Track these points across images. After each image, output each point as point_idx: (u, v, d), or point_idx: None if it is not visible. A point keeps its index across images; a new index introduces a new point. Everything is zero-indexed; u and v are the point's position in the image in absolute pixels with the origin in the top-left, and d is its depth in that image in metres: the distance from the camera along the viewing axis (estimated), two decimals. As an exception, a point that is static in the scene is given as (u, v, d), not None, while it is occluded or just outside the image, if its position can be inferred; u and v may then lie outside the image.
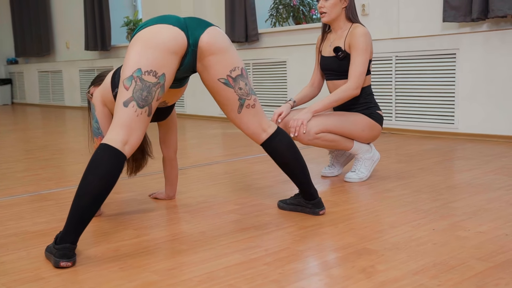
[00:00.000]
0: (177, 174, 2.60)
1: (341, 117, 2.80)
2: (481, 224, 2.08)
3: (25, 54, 10.37)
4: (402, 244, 1.87)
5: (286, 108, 2.88)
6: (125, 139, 1.85)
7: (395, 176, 2.99)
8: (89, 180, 1.76)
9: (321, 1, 2.83)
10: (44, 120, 7.26)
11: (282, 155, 2.19)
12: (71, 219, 1.76)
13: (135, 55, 1.90)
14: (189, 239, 2.01)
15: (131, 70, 1.88)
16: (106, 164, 1.78)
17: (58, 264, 1.74)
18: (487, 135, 4.22)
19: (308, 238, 1.98)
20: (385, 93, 4.83)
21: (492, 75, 4.15)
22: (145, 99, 1.88)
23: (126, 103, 1.86)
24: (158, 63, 1.89)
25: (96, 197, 1.76)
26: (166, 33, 1.93)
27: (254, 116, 2.15)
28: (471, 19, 4.11)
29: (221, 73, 2.05)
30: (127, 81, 1.88)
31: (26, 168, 3.64)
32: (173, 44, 1.92)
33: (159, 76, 1.90)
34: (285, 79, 5.80)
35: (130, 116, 1.86)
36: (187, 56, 2.00)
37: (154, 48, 1.90)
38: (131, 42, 1.96)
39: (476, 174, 2.98)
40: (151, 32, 1.92)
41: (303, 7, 5.90)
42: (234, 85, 2.08)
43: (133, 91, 1.87)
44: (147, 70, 1.88)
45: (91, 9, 8.31)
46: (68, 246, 1.76)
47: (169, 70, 1.93)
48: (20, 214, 2.46)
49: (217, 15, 6.51)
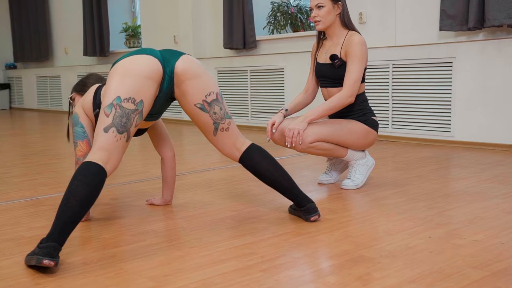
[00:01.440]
0: (174, 175, 2.61)
1: (335, 126, 2.80)
2: (477, 232, 2.08)
3: (23, 59, 10.38)
4: (398, 252, 1.87)
5: (278, 117, 2.87)
6: (106, 160, 1.97)
7: (391, 184, 3.00)
8: (75, 185, 1.84)
9: (314, 10, 2.85)
10: (42, 125, 7.25)
11: (257, 169, 2.29)
12: (58, 221, 1.78)
13: (114, 84, 2.05)
14: (185, 245, 2.01)
15: (111, 98, 2.02)
16: (91, 174, 1.88)
17: (41, 262, 1.69)
18: (483, 143, 4.23)
19: (304, 245, 1.98)
20: (382, 101, 4.84)
21: (488, 83, 4.17)
22: (124, 125, 2.03)
23: (106, 129, 2.00)
24: (136, 90, 2.04)
25: (83, 201, 1.82)
26: (142, 61, 2.10)
27: (228, 138, 2.29)
28: (468, 28, 4.13)
29: (197, 98, 2.20)
30: (107, 108, 2.02)
31: (23, 173, 3.63)
32: (148, 70, 2.08)
33: (137, 103, 2.04)
34: (283, 86, 5.81)
35: (110, 141, 2.00)
36: (164, 83, 2.15)
37: (131, 76, 2.05)
38: (110, 73, 2.11)
39: (472, 182, 2.99)
40: (128, 62, 2.09)
41: (300, 14, 5.92)
42: (209, 110, 2.22)
43: (113, 118, 2.01)
44: (126, 97, 2.02)
45: (90, 15, 8.33)
46: (53, 245, 1.74)
47: (146, 96, 2.07)
48: (16, 219, 2.46)
49: (215, 22, 6.53)
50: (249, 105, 6.19)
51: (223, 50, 6.45)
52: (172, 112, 7.22)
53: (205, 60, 6.62)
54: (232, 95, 6.40)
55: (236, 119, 6.33)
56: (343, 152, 2.86)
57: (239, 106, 6.32)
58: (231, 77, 6.39)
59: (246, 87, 6.22)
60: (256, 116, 6.13)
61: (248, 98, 6.20)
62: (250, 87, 6.17)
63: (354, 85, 2.75)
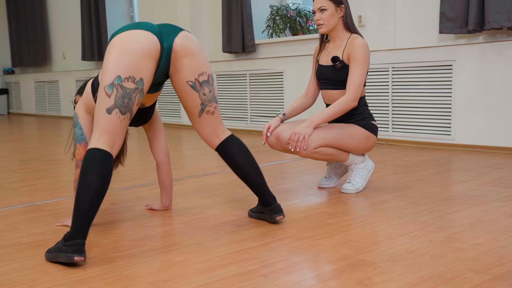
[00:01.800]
0: (171, 180, 2.59)
1: (338, 131, 2.79)
2: (478, 236, 2.07)
3: (21, 64, 10.37)
4: (399, 256, 1.86)
5: (275, 122, 2.86)
6: (111, 143, 1.99)
7: (392, 187, 2.99)
8: (88, 179, 1.87)
9: (317, 13, 2.84)
10: (40, 130, 7.24)
11: (233, 159, 2.31)
12: (78, 217, 1.85)
13: (113, 61, 2.02)
14: (184, 251, 2.00)
15: (111, 77, 2.00)
16: (100, 164, 1.91)
17: (72, 259, 1.80)
18: (484, 146, 4.23)
19: (305, 250, 1.97)
20: (382, 104, 4.83)
21: (489, 86, 4.16)
22: (127, 106, 2.02)
23: (109, 110, 1.99)
24: (135, 68, 2.02)
25: (98, 194, 1.87)
26: (140, 38, 2.06)
27: (211, 122, 2.30)
28: (467, 31, 4.13)
29: (190, 76, 2.19)
30: (108, 88, 1.99)
31: (22, 179, 3.62)
32: (147, 48, 2.06)
33: (137, 82, 2.03)
34: (282, 90, 5.81)
35: (114, 123, 2.00)
36: (162, 60, 2.13)
37: (130, 53, 2.02)
38: (108, 48, 2.07)
39: (473, 185, 2.98)
40: (126, 38, 2.05)
41: (300, 18, 5.92)
42: (200, 89, 2.22)
43: (115, 99, 1.99)
44: (126, 76, 2.00)
45: (88, 20, 8.33)
46: (80, 241, 1.83)
47: (146, 75, 2.06)
48: (15, 225, 2.45)
49: (214, 25, 6.52)
50: (248, 109, 6.18)
51: (222, 54, 6.45)
52: (171, 116, 7.21)
53: (204, 64, 6.60)
54: (231, 99, 6.39)
55: (235, 123, 6.33)
56: (345, 156, 2.85)
57: (238, 110, 6.31)
58: (230, 81, 6.38)
59: (245, 91, 6.21)
60: (256, 120, 6.12)
61: (247, 102, 6.19)
62: (249, 91, 6.16)
63: (358, 89, 2.75)
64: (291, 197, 2.83)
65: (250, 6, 5.94)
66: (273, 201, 2.32)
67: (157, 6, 7.24)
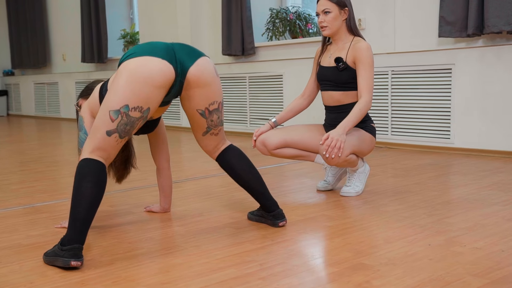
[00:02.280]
0: (171, 184, 2.59)
1: (355, 136, 2.78)
2: (477, 240, 2.07)
3: (21, 66, 10.38)
4: (398, 260, 1.86)
5: (264, 128, 2.93)
6: (105, 157, 2.01)
7: (391, 191, 2.99)
8: (83, 186, 1.88)
9: (321, 16, 2.84)
10: (39, 132, 7.24)
11: (233, 168, 2.32)
12: (75, 222, 1.85)
13: (123, 88, 1.97)
14: (183, 253, 2.00)
15: (119, 104, 1.97)
16: (93, 173, 1.92)
17: (69, 264, 1.80)
18: (483, 150, 4.23)
19: (304, 253, 1.97)
20: (381, 107, 4.84)
21: (488, 90, 4.17)
22: (128, 132, 2.03)
23: (109, 133, 1.99)
24: (145, 98, 1.99)
25: (93, 200, 1.88)
26: (155, 68, 2.00)
27: (214, 141, 2.33)
28: (467, 35, 4.14)
29: (201, 105, 2.19)
30: (114, 113, 1.98)
31: (21, 180, 3.62)
32: (161, 79, 2.01)
33: (144, 111, 2.02)
34: (282, 93, 5.81)
35: (111, 144, 2.00)
36: (174, 86, 2.10)
37: (142, 83, 1.98)
38: (120, 70, 2.01)
39: (472, 189, 2.98)
40: (140, 66, 1.99)
41: (299, 21, 5.93)
42: (208, 117, 2.23)
43: (117, 124, 1.99)
44: (134, 106, 1.98)
45: (88, 22, 8.33)
46: (77, 246, 1.83)
47: (154, 104, 2.04)
48: (14, 226, 2.45)
49: (213, 28, 6.53)
50: (248, 111, 6.18)
51: (222, 57, 6.45)
52: (170, 118, 7.21)
53: (203, 67, 6.60)
54: (231, 102, 6.39)
55: (234, 125, 6.33)
56: (357, 161, 2.86)
57: (237, 113, 6.31)
58: (229, 83, 6.39)
59: (245, 94, 6.21)
60: (255, 123, 6.12)
61: (246, 104, 6.19)
62: (248, 93, 6.17)
63: (371, 90, 2.77)
64: (290, 200, 2.83)
65: (250, 9, 5.95)
66: (276, 207, 2.32)
67: (157, 8, 7.24)
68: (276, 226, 2.31)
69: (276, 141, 2.89)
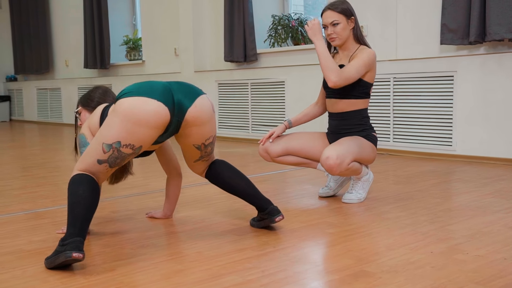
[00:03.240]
0: (178, 194, 2.62)
1: (355, 143, 2.79)
2: (479, 247, 2.07)
3: (24, 72, 10.41)
4: (399, 267, 1.86)
5: (278, 129, 2.96)
6: (96, 177, 2.09)
7: (392, 198, 2.99)
8: (81, 190, 1.95)
9: (329, 28, 2.84)
10: (41, 138, 7.25)
11: (221, 178, 2.37)
12: (74, 221, 1.89)
13: (117, 126, 2.03)
14: (185, 259, 2.00)
15: (111, 139, 2.04)
16: (87, 183, 1.99)
17: (70, 256, 1.80)
18: (485, 157, 4.23)
19: (305, 260, 1.97)
20: (383, 114, 4.84)
21: (490, 97, 4.17)
22: (118, 164, 2.10)
23: (100, 162, 2.06)
24: (137, 138, 2.05)
25: (90, 203, 1.94)
26: (150, 109, 2.03)
27: (204, 165, 2.41)
28: (469, 42, 4.14)
29: (197, 141, 2.25)
30: (106, 146, 2.05)
31: (23, 186, 3.62)
32: (155, 121, 2.05)
33: (136, 148, 2.08)
34: (284, 99, 5.82)
35: (101, 171, 2.08)
36: (171, 126, 2.13)
37: (136, 123, 2.03)
38: (115, 108, 2.07)
39: (474, 196, 2.98)
40: (136, 107, 2.03)
41: (301, 28, 5.94)
42: (203, 149, 2.30)
43: (108, 157, 2.06)
44: (125, 144, 2.04)
45: (90, 28, 8.36)
46: (79, 239, 1.85)
47: (146, 143, 2.10)
48: (16, 232, 2.45)
49: (216, 34, 6.55)
50: (250, 118, 6.19)
51: (224, 63, 6.47)
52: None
53: (205, 73, 6.63)
54: (233, 108, 6.40)
55: (236, 132, 6.33)
56: (360, 169, 2.86)
57: (239, 119, 6.32)
58: (231, 90, 6.40)
59: (247, 100, 6.22)
60: (257, 129, 6.12)
61: (248, 111, 6.20)
62: (250, 100, 6.18)
63: (343, 76, 2.72)
64: (292, 207, 2.83)
65: (252, 15, 5.97)
66: (269, 204, 2.35)
67: (159, 15, 7.27)
68: (273, 222, 2.33)
69: (278, 148, 2.92)
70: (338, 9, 2.82)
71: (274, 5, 6.42)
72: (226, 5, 6.11)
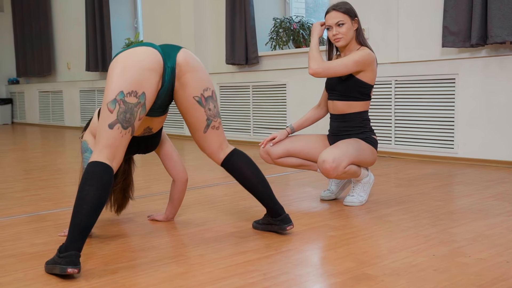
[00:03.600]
0: (182, 198, 2.62)
1: (352, 146, 2.79)
2: (482, 250, 2.07)
3: (26, 74, 10.43)
4: (402, 270, 1.86)
5: (280, 135, 2.97)
6: (112, 157, 2.00)
7: (394, 201, 2.99)
8: (86, 190, 1.88)
9: (334, 28, 2.84)
10: (43, 140, 7.26)
11: (241, 171, 2.32)
12: (73, 229, 1.84)
13: (115, 78, 2.04)
14: (187, 262, 2.00)
15: (113, 93, 2.02)
16: (98, 177, 1.92)
17: (65, 271, 1.78)
18: (486, 160, 4.22)
19: (307, 262, 1.97)
20: (384, 117, 4.84)
21: (491, 100, 4.17)
22: (129, 121, 2.03)
23: (111, 125, 2.01)
24: (137, 82, 2.04)
25: (94, 206, 1.88)
26: (142, 53, 2.10)
27: (217, 137, 2.32)
28: (470, 45, 4.14)
29: (196, 91, 2.22)
30: (111, 104, 2.01)
31: (25, 188, 3.62)
32: (149, 61, 2.08)
33: (139, 96, 2.04)
34: (285, 102, 5.82)
35: (116, 137, 2.01)
36: (166, 75, 2.15)
37: (133, 68, 2.05)
38: (110, 66, 2.10)
39: (476, 199, 2.98)
40: (128, 55, 2.09)
41: (303, 31, 5.95)
42: (205, 104, 2.25)
43: (117, 114, 2.01)
44: (128, 91, 2.02)
45: (92, 30, 8.38)
46: (74, 253, 1.82)
47: (149, 89, 2.07)
48: (18, 235, 2.45)
49: (217, 37, 6.56)
50: (251, 120, 6.19)
51: (225, 66, 6.48)
52: (174, 127, 7.23)
53: (207, 76, 6.62)
54: (234, 111, 6.40)
55: (238, 134, 6.34)
56: (359, 172, 2.87)
57: (241, 122, 6.32)
58: (233, 92, 6.40)
59: (248, 103, 6.23)
60: (258, 132, 6.13)
61: (250, 113, 6.20)
62: (252, 102, 6.18)
63: (325, 66, 2.76)
64: (293, 209, 2.83)
65: (253, 18, 5.98)
66: (282, 211, 2.34)
67: (161, 17, 7.28)
68: (284, 230, 2.32)
69: (279, 150, 2.92)
70: (343, 10, 2.83)
71: (276, 8, 6.43)
72: (228, 8, 6.12)
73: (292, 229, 2.35)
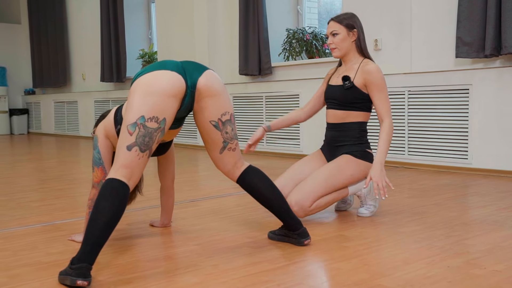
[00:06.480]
0: (173, 202, 2.69)
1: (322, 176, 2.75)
2: (497, 262, 2.05)
3: (42, 85, 10.55)
4: (416, 282, 1.85)
5: (257, 133, 3.04)
6: (129, 176, 2.03)
7: (408, 212, 2.97)
8: (102, 205, 1.90)
9: (330, 38, 2.88)
10: (58, 150, 7.33)
11: (256, 188, 2.34)
12: (87, 241, 1.86)
13: (138, 101, 2.06)
14: (201, 272, 2.00)
15: (135, 117, 2.05)
16: (115, 193, 1.94)
17: (75, 283, 1.79)
18: (501, 171, 4.19)
19: (321, 273, 1.97)
20: (398, 127, 4.83)
21: (505, 111, 4.14)
22: (147, 144, 2.06)
23: (129, 147, 2.04)
24: (159, 109, 2.06)
25: (109, 221, 1.90)
26: (165, 78, 2.09)
27: (232, 158, 2.34)
28: (484, 55, 4.13)
29: (214, 115, 2.24)
30: (131, 127, 2.04)
31: (41, 198, 3.66)
32: (171, 88, 2.09)
33: (160, 121, 2.07)
34: (298, 112, 5.82)
35: (133, 159, 2.04)
36: (186, 98, 2.16)
37: (155, 93, 2.06)
38: (132, 88, 2.10)
39: (491, 210, 2.96)
40: (151, 79, 2.09)
41: (316, 41, 5.97)
42: (222, 128, 2.27)
43: (136, 137, 2.04)
44: (149, 116, 2.04)
45: (107, 42, 8.47)
46: (85, 266, 1.83)
47: (169, 114, 2.10)
48: (33, 244, 2.48)
49: (231, 48, 6.60)
50: (264, 131, 6.20)
51: (239, 76, 6.51)
52: (187, 137, 7.26)
53: (220, 86, 6.66)
54: (248, 121, 6.42)
55: (251, 145, 6.34)
56: (344, 193, 2.85)
57: (254, 132, 6.33)
58: (246, 103, 6.43)
59: (261, 113, 6.25)
60: (271, 142, 6.14)
61: (263, 124, 6.21)
62: (265, 113, 6.20)
63: (390, 112, 2.80)
64: (307, 220, 2.83)
65: (267, 29, 6.01)
66: (300, 225, 2.34)
67: (175, 29, 7.34)
68: (301, 244, 2.32)
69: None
70: (339, 20, 2.85)
71: (289, 19, 6.46)
72: (241, 19, 6.16)
73: (309, 243, 2.34)
